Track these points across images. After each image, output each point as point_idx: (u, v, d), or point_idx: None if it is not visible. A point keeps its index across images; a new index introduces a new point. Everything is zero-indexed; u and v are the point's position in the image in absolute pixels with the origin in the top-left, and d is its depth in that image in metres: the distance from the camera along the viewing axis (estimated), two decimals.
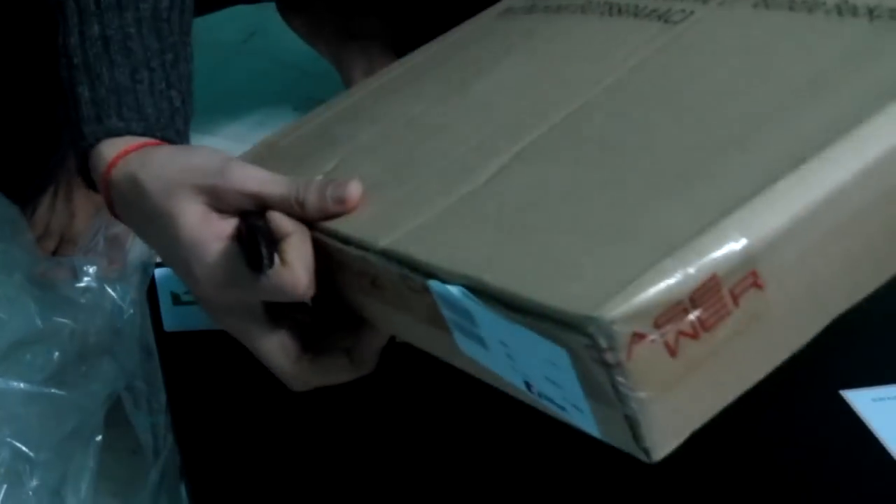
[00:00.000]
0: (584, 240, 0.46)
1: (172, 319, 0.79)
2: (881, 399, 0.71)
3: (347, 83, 1.12)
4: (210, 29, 1.23)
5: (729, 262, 0.42)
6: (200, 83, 0.72)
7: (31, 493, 0.71)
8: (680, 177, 0.47)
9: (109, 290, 0.77)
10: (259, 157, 0.70)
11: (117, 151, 0.62)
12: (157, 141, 0.63)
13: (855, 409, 0.71)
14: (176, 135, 0.65)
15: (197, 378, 0.75)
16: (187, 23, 0.68)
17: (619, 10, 0.63)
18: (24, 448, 0.71)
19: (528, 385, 0.48)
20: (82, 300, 0.75)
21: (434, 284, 0.49)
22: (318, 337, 0.62)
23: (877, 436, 0.69)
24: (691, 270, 0.41)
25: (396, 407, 0.73)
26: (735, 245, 0.42)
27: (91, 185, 0.66)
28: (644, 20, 0.61)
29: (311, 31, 1.18)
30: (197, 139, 1.11)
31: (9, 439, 0.71)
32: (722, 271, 0.42)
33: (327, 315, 0.62)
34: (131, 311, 0.77)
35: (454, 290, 0.48)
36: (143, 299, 0.79)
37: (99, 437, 0.74)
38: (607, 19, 0.63)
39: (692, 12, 0.59)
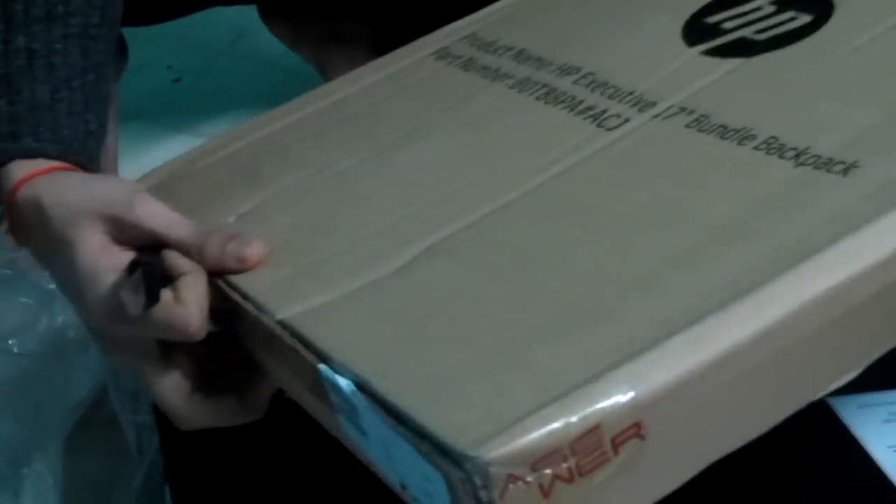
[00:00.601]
0: (477, 361, 0.46)
1: None
2: (866, 406, 0.70)
3: None
4: (197, 30, 1.22)
5: (613, 414, 0.42)
6: (188, 84, 0.71)
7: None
8: (581, 311, 0.47)
9: None
10: (176, 175, 0.69)
11: (25, 173, 0.61)
12: (68, 165, 0.62)
13: (840, 416, 0.70)
14: (88, 160, 0.64)
15: None
16: (113, 42, 0.67)
17: (556, 99, 0.63)
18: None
19: (402, 486, 0.48)
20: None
21: (324, 371, 0.49)
22: (209, 377, 0.61)
23: (861, 443, 0.68)
24: (575, 419, 0.41)
25: None
26: (622, 397, 0.42)
27: None
28: (578, 119, 0.61)
29: (293, 36, 1.17)
30: (183, 140, 1.11)
31: None
32: (606, 422, 0.42)
33: (221, 355, 0.62)
34: None
35: (343, 382, 0.48)
36: None
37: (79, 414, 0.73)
38: (542, 108, 0.63)
39: (627, 120, 0.59)
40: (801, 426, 0.66)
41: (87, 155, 0.64)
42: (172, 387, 0.60)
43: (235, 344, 0.60)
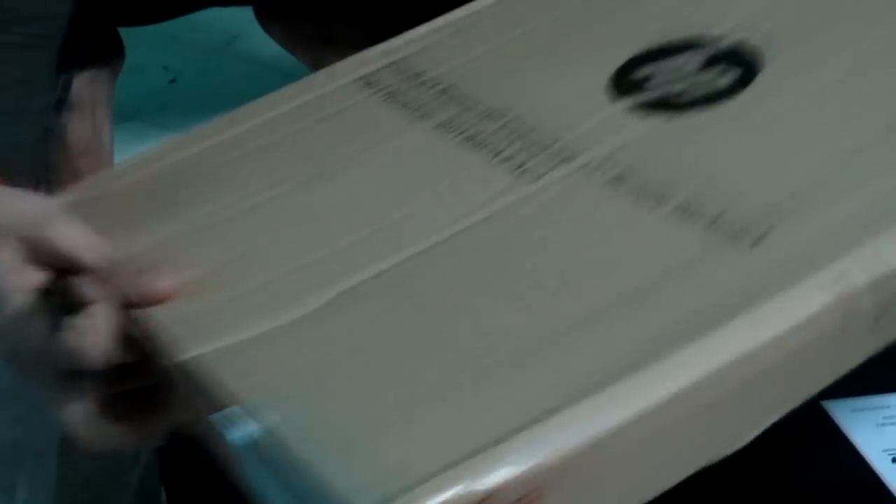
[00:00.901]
0: (378, 418, 0.46)
1: None
2: (861, 410, 0.71)
3: None
4: (194, 31, 1.21)
5: (511, 482, 0.43)
6: (184, 85, 0.70)
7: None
8: (485, 370, 0.48)
9: None
10: (102, 192, 0.68)
11: None
12: None
13: (834, 420, 0.71)
14: (15, 173, 0.63)
15: None
16: (55, 54, 0.66)
17: (478, 145, 0.63)
18: None
19: None
20: None
21: (220, 418, 0.49)
22: (115, 402, 0.61)
23: (856, 447, 0.69)
24: (471, 487, 0.42)
25: None
26: (519, 466, 0.43)
27: None
28: (499, 168, 0.61)
29: (288, 37, 1.16)
30: None
31: None
32: (502, 490, 0.42)
33: (129, 379, 0.61)
34: None
35: (243, 431, 0.48)
36: None
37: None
38: (463, 153, 0.63)
39: (546, 173, 0.59)
40: (795, 430, 0.65)
41: (14, 168, 0.63)
42: (76, 411, 0.59)
43: (144, 370, 0.60)
